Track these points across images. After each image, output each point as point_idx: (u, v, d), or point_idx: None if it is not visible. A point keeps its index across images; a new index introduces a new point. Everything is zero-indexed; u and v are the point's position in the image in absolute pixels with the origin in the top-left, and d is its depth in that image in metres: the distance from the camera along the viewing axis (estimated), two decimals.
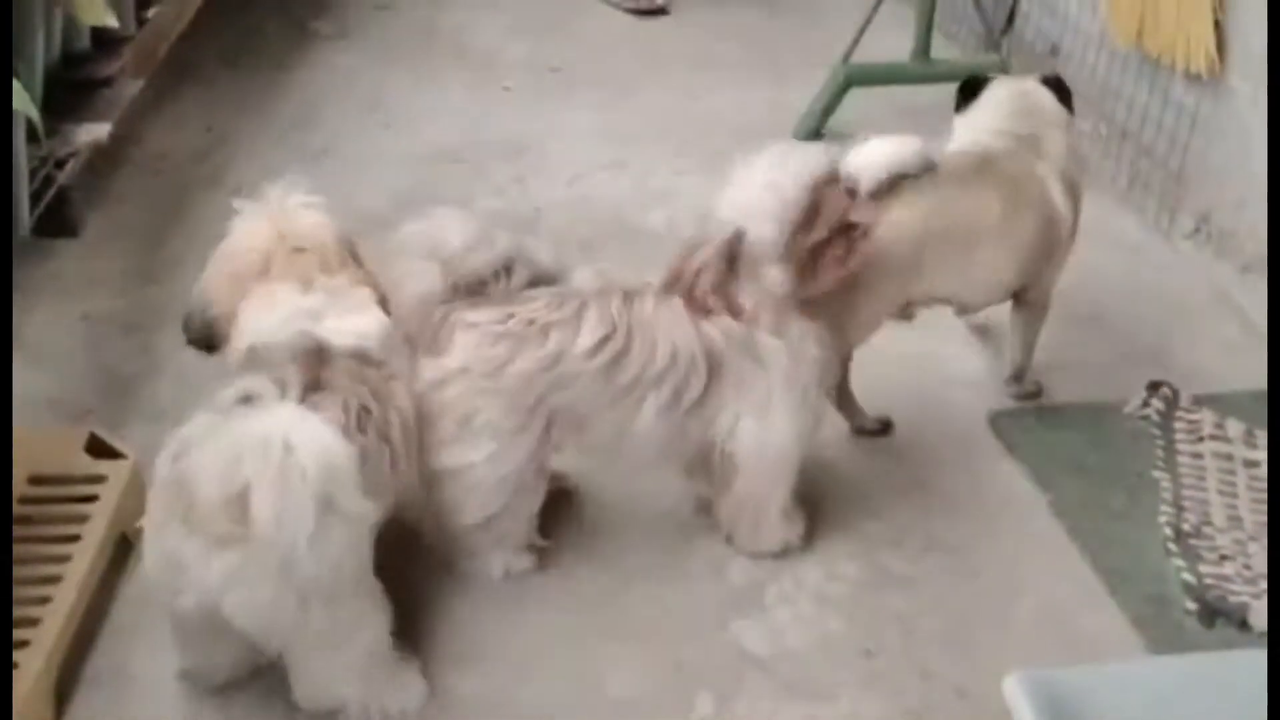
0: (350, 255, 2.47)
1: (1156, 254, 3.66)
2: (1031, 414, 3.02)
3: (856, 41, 4.25)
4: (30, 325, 3.25)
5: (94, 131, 3.15)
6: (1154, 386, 3.05)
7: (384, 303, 2.45)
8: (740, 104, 4.36)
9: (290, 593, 2.05)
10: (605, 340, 2.40)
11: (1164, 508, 2.71)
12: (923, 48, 4.30)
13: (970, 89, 3.01)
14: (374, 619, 2.22)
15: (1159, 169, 3.74)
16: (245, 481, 1.94)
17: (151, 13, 3.76)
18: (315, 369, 2.21)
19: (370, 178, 4.01)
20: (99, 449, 2.63)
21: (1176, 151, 3.66)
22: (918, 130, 2.79)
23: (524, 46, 4.92)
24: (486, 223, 2.48)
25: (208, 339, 2.43)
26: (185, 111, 4.24)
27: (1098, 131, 4.03)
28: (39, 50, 2.91)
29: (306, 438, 1.98)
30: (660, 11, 5.22)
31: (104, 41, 3.31)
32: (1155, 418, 2.98)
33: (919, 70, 4.30)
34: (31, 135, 2.77)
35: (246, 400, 2.12)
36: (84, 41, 3.32)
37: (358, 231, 2.54)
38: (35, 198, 2.85)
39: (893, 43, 4.37)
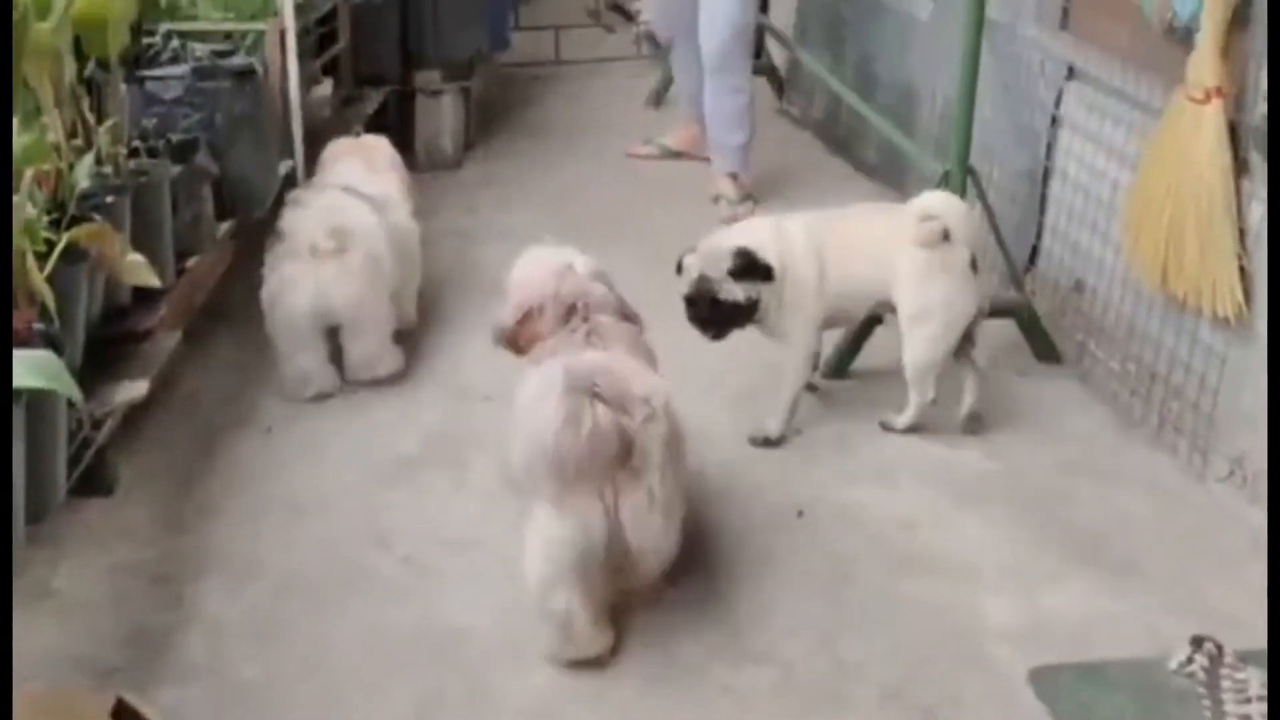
0: (393, 163, 4.61)
1: (1191, 497, 3.63)
2: (1072, 671, 2.95)
3: None
4: (58, 577, 3.24)
5: (132, 390, 3.17)
6: (1197, 642, 2.98)
7: (401, 190, 4.54)
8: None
9: (369, 285, 4.01)
10: None
11: None
12: None
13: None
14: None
15: (1190, 411, 3.73)
16: (343, 220, 3.98)
17: (190, 263, 3.82)
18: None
19: (401, 416, 4.04)
20: (125, 715, 2.57)
21: (1207, 394, 3.65)
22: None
23: None
24: None
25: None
26: (217, 353, 4.30)
27: (1126, 370, 4.05)
28: (81, 315, 2.95)
29: (360, 204, 4.14)
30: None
31: (143, 294, 3.36)
32: (1201, 675, 2.90)
33: None
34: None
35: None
36: (124, 296, 3.37)
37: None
38: (72, 460, 2.86)
39: None
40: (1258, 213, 3.43)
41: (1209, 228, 3.51)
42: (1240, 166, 3.49)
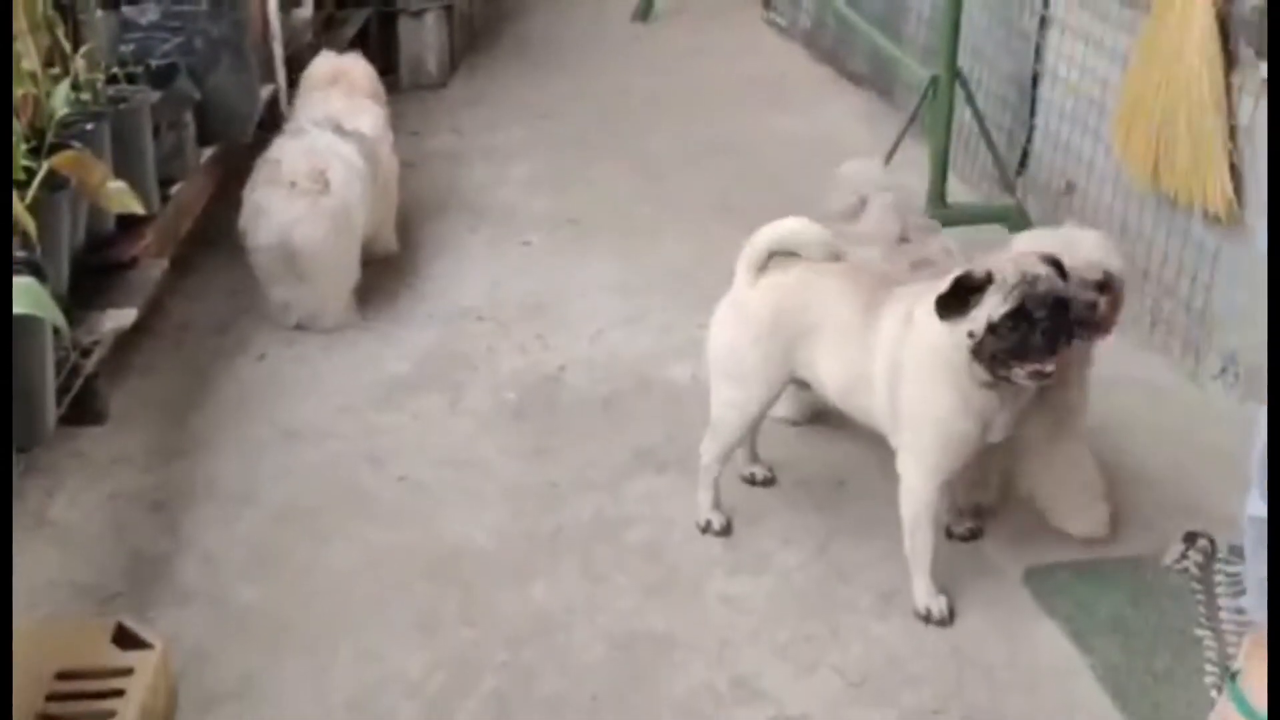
0: (376, 91, 4.59)
1: (1184, 396, 3.63)
2: (1068, 570, 2.98)
3: None
4: (56, 506, 3.24)
5: (119, 318, 3.15)
6: (1191, 537, 3.01)
7: (386, 124, 4.52)
8: None
9: (333, 234, 3.92)
10: None
11: (1209, 668, 2.66)
12: (938, 192, 4.33)
13: None
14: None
15: (1182, 309, 3.72)
16: (325, 163, 3.92)
17: (174, 190, 3.78)
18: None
19: (394, 340, 4.03)
20: (126, 639, 2.59)
21: (1199, 291, 3.64)
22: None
23: (543, 200, 4.96)
24: None
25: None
26: (207, 281, 4.27)
27: None
28: (64, 243, 2.93)
29: (351, 147, 4.08)
30: None
31: (128, 221, 3.33)
32: (1194, 570, 2.93)
33: (935, 215, 4.30)
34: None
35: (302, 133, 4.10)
36: (108, 224, 3.34)
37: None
38: (62, 389, 2.84)
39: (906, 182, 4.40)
40: (1248, 107, 3.40)
41: (1200, 123, 3.49)
42: (1230, 60, 3.45)
